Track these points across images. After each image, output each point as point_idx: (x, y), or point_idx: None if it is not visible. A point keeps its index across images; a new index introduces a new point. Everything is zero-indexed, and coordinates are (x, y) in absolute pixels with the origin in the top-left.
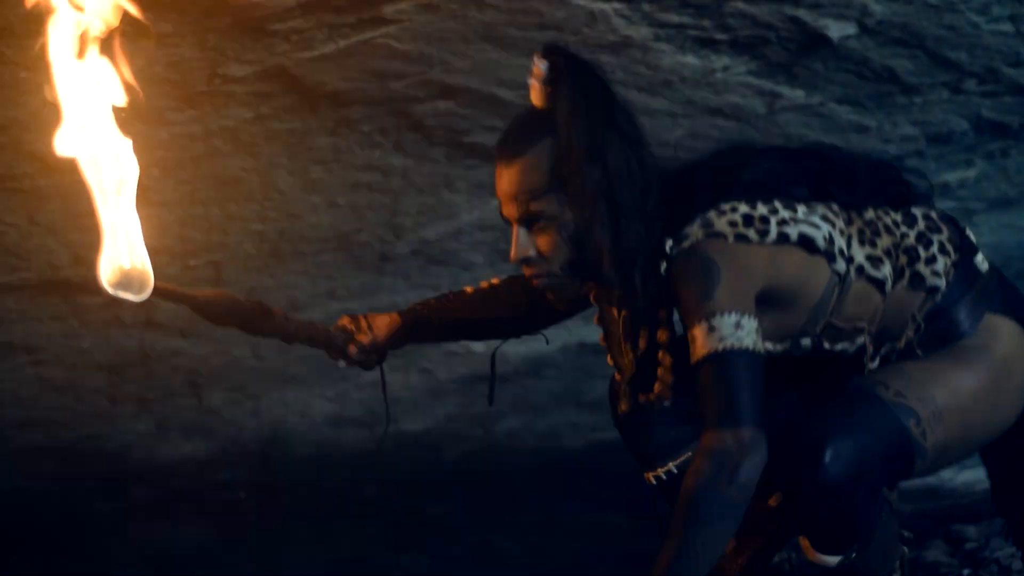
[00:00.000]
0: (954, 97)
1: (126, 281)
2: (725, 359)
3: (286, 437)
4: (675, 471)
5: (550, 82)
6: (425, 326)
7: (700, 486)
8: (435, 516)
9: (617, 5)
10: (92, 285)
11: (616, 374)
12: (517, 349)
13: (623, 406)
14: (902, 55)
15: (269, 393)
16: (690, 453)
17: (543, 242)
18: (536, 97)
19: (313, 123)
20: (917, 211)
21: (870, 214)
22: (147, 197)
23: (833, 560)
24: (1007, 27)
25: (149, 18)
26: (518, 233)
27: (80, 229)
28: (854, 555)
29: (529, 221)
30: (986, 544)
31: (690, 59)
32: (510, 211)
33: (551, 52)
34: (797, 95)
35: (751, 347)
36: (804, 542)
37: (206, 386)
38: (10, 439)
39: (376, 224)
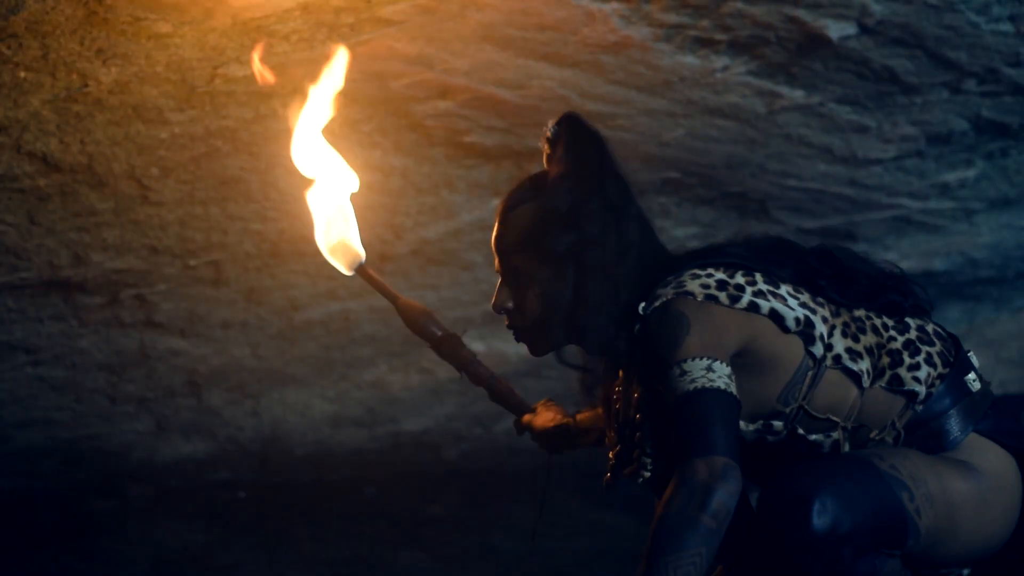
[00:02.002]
0: (954, 97)
1: (340, 252)
2: (697, 398)
3: (286, 437)
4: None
5: (551, 145)
6: (587, 432)
7: (671, 513)
8: (435, 516)
9: (617, 5)
10: (92, 285)
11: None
12: (517, 349)
13: (607, 476)
14: (902, 55)
15: (269, 393)
16: None
17: (518, 296)
18: (544, 160)
19: None
20: (912, 322)
21: (860, 312)
22: (147, 197)
23: None
24: (1007, 27)
25: (149, 18)
26: (499, 286)
27: (80, 229)
28: None
29: (507, 275)
30: None
31: (690, 59)
32: (495, 264)
33: (563, 118)
34: (797, 95)
35: (724, 388)
36: None
37: (206, 386)
38: (10, 439)
39: (376, 224)
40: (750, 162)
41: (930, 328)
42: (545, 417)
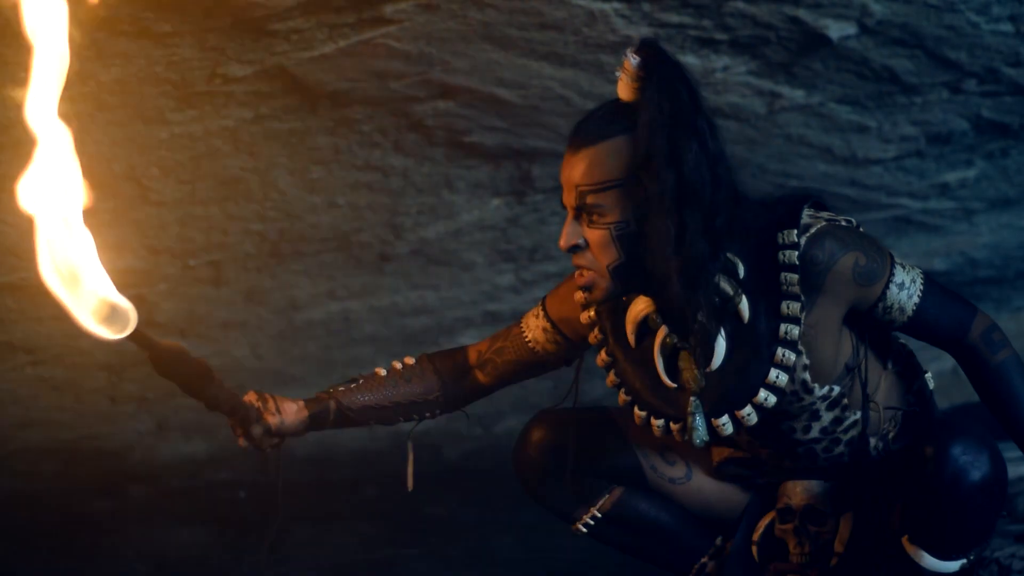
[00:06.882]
0: (954, 97)
1: (112, 317)
2: (932, 279)
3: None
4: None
5: (639, 79)
6: (333, 415)
7: (1010, 348)
8: (435, 516)
9: (617, 5)
10: None
11: (636, 414)
12: None
13: (679, 432)
14: (902, 55)
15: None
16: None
17: (593, 237)
18: (623, 91)
19: (313, 123)
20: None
21: None
22: (147, 197)
23: (953, 566)
24: (1007, 27)
25: (149, 18)
26: (570, 222)
27: None
28: (971, 560)
29: (584, 213)
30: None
31: (690, 59)
32: (568, 199)
33: (645, 47)
34: (797, 95)
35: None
36: (917, 553)
37: None
38: (10, 439)
39: (376, 224)
40: (750, 162)
41: None
42: (289, 410)
